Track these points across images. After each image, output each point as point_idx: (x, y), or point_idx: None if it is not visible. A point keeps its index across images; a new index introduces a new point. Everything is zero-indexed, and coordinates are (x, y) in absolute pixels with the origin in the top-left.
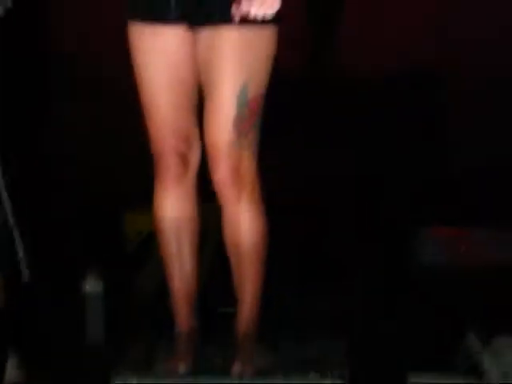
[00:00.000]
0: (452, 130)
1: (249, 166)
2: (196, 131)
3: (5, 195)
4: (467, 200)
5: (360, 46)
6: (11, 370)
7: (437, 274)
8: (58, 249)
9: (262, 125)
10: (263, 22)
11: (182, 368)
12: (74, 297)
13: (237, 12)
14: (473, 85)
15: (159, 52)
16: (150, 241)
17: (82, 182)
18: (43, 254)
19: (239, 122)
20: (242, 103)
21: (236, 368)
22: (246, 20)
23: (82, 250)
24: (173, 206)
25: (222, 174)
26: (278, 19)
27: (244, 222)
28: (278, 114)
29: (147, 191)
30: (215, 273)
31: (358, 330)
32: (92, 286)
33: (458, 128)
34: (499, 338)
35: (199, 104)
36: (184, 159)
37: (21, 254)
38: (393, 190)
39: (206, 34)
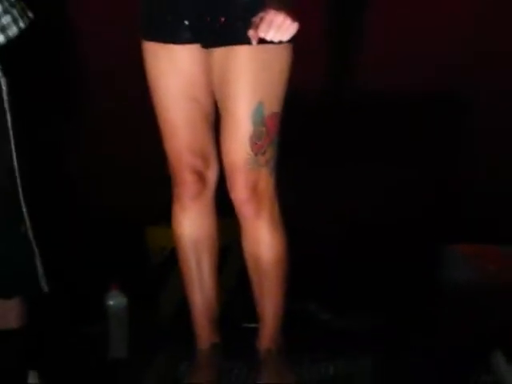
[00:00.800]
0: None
1: (267, 183)
2: (213, 148)
3: (24, 210)
4: (497, 216)
5: (380, 65)
6: None
7: (465, 291)
8: (80, 263)
9: (279, 143)
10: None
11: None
12: (97, 311)
13: (254, 36)
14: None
15: (173, 70)
16: (173, 256)
17: (107, 195)
18: (65, 268)
19: (256, 140)
20: (259, 121)
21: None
22: (261, 41)
23: (105, 265)
24: (191, 223)
25: (239, 191)
26: (293, 38)
27: (263, 238)
28: (294, 134)
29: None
30: (238, 288)
31: (386, 347)
32: (115, 300)
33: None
34: None
35: (216, 122)
36: (201, 176)
37: (40, 269)
38: (423, 207)
39: (220, 52)
